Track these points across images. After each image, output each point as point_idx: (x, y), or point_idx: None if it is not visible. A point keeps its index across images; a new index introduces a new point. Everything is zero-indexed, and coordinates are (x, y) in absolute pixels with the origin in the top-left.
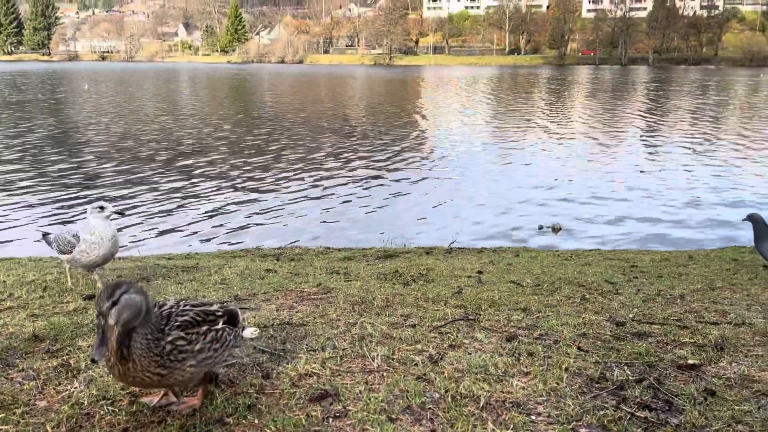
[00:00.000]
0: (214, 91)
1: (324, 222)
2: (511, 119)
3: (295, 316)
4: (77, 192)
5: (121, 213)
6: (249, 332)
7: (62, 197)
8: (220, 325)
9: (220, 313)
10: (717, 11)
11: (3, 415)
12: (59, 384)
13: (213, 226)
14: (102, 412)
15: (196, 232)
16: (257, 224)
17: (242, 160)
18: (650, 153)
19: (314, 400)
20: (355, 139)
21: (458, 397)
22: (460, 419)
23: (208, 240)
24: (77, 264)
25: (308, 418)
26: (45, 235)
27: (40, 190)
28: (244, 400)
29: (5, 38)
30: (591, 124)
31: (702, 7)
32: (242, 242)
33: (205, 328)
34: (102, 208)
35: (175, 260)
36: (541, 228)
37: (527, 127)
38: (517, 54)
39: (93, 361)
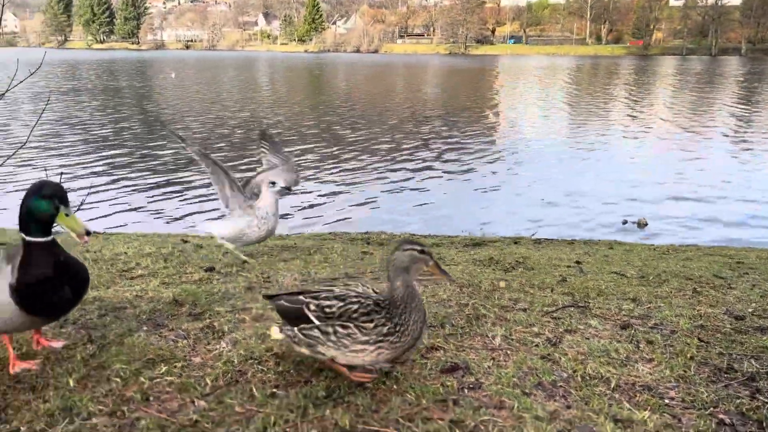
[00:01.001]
0: (293, 80)
1: (400, 209)
2: (591, 111)
3: None
4: (172, 175)
5: (288, 189)
6: None
7: (159, 178)
8: None
9: None
10: None
11: (166, 367)
12: (208, 344)
13: (296, 210)
14: (253, 370)
15: (281, 216)
16: (337, 210)
17: (321, 148)
18: (742, 148)
19: (446, 372)
20: (429, 129)
21: (587, 378)
22: (593, 398)
23: (294, 223)
24: (246, 240)
25: (444, 387)
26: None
27: (139, 172)
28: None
29: (98, 27)
30: (678, 117)
31: None
32: (326, 226)
33: None
34: (273, 183)
35: (268, 240)
36: (625, 222)
37: (608, 119)
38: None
39: (452, 281)
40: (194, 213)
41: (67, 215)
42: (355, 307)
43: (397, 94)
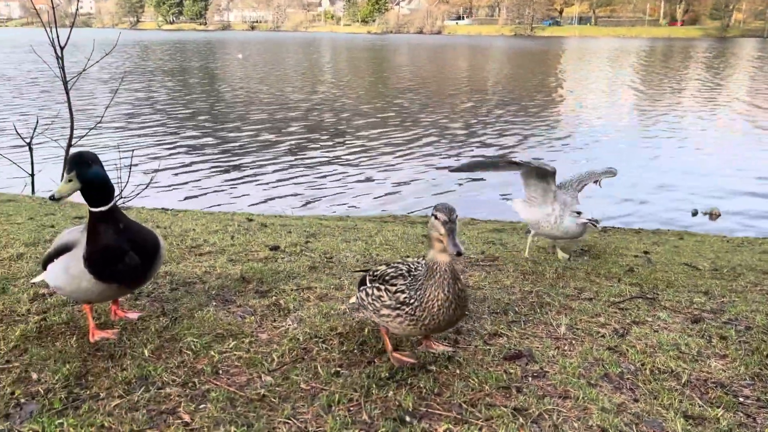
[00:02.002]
0: (359, 62)
1: (463, 194)
2: (662, 96)
3: (470, 280)
4: (239, 156)
5: (594, 224)
6: None
7: (227, 158)
8: None
9: None
10: None
11: (235, 342)
12: (274, 321)
13: (360, 193)
14: (317, 349)
15: (339, 196)
16: (395, 193)
17: (385, 131)
18: None
19: (509, 359)
20: (490, 113)
21: (656, 371)
22: (662, 392)
23: (356, 204)
24: (540, 231)
25: (507, 374)
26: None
27: (208, 152)
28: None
29: (168, 8)
30: (756, 104)
31: None
32: (385, 209)
33: None
34: (579, 213)
35: (330, 221)
36: (695, 213)
37: (680, 105)
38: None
39: (459, 254)
40: (258, 193)
41: (63, 180)
42: (391, 271)
43: (462, 77)
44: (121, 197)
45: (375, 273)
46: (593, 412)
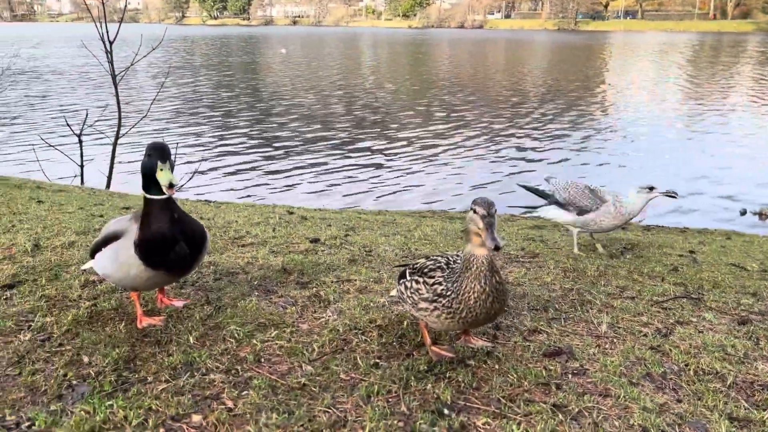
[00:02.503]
0: (401, 57)
1: (502, 189)
2: (709, 92)
3: (510, 276)
4: (281, 151)
5: (673, 195)
6: None
7: (269, 153)
8: None
9: None
10: None
11: (277, 332)
12: (315, 312)
13: (398, 187)
14: (357, 340)
15: (376, 190)
16: (434, 189)
17: (427, 127)
18: None
19: (549, 356)
20: (534, 108)
21: (700, 372)
22: (707, 394)
23: (392, 198)
24: (586, 227)
25: (547, 371)
26: (547, 179)
27: (250, 146)
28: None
29: (212, 4)
30: None
31: None
32: (424, 205)
33: None
34: (651, 188)
35: (369, 215)
36: (744, 212)
37: (729, 103)
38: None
39: (497, 248)
40: (298, 186)
41: (162, 170)
42: (430, 263)
43: (504, 72)
44: None
45: (414, 266)
46: (634, 411)
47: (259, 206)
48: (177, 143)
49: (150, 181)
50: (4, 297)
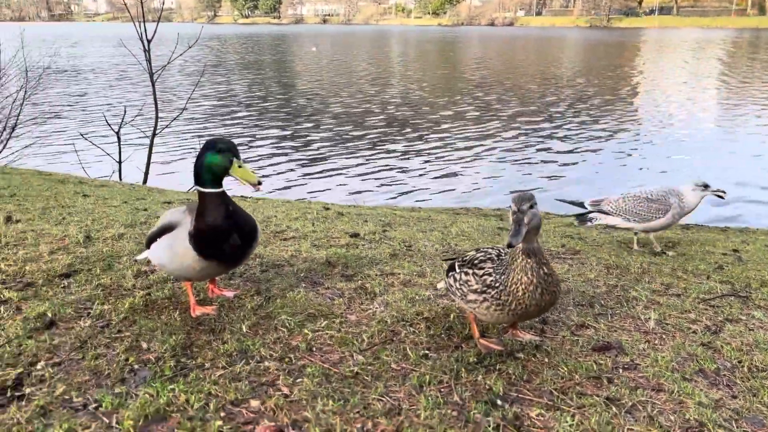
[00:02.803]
0: (432, 55)
1: (534, 187)
2: (747, 91)
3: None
4: (313, 149)
5: (722, 194)
6: None
7: (302, 150)
8: None
9: None
10: None
11: (326, 322)
12: (362, 303)
13: (430, 187)
14: (405, 332)
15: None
16: (468, 187)
17: (459, 125)
18: None
19: (598, 350)
20: (565, 108)
21: (754, 369)
22: (762, 390)
23: (424, 197)
24: (648, 230)
25: (597, 365)
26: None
27: (284, 143)
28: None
29: (243, 3)
30: None
31: None
32: (457, 202)
33: None
34: (706, 186)
35: (403, 212)
36: None
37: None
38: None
39: (510, 245)
40: (330, 184)
41: (240, 167)
42: (480, 255)
43: (537, 70)
44: None
45: (464, 258)
46: (690, 406)
47: (295, 202)
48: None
49: (208, 175)
50: (62, 285)
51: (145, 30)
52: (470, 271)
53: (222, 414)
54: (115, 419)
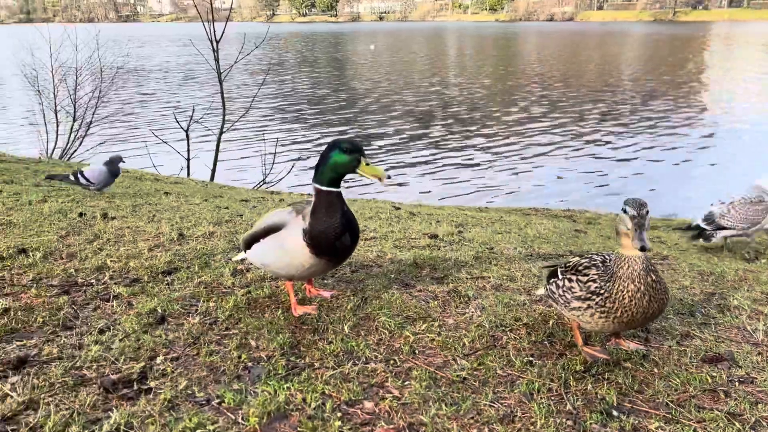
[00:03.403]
0: (490, 52)
1: (598, 187)
2: None
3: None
4: (375, 148)
5: None
6: None
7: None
8: None
9: None
10: None
11: (426, 325)
12: (457, 307)
13: (495, 185)
14: (506, 337)
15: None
16: (529, 184)
17: (518, 122)
18: None
19: (709, 362)
20: (631, 107)
21: None
22: None
23: (491, 197)
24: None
25: (711, 377)
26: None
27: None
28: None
29: (301, 1)
30: None
31: None
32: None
33: None
34: None
35: (471, 211)
36: None
37: None
38: None
39: (644, 249)
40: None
41: (368, 164)
42: (585, 261)
43: (600, 67)
44: (265, 182)
45: (567, 264)
46: None
47: (362, 201)
48: (277, 139)
49: (332, 174)
50: (165, 282)
51: (214, 30)
52: (574, 278)
53: (339, 414)
54: (240, 415)
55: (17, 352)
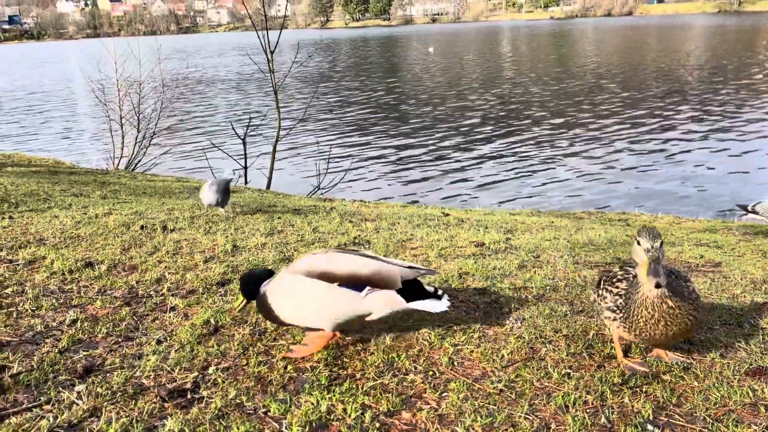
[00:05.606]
0: (549, 51)
1: (656, 188)
2: None
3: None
4: (429, 152)
5: None
6: None
7: (419, 154)
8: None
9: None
10: None
11: (465, 336)
12: (497, 318)
13: (551, 189)
14: (545, 349)
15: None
16: (578, 187)
17: (573, 125)
18: None
19: (752, 375)
20: (693, 107)
21: None
22: None
23: (544, 202)
24: None
25: (753, 391)
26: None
27: (400, 150)
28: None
29: (354, 6)
30: None
31: None
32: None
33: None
34: None
35: (522, 216)
36: None
37: None
38: None
39: (658, 286)
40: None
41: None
42: (621, 273)
43: (661, 65)
44: (319, 188)
45: (609, 274)
46: None
47: (411, 207)
48: (330, 145)
49: None
50: (219, 293)
51: (268, 40)
52: (608, 288)
53: (377, 424)
54: (284, 425)
55: (83, 361)
